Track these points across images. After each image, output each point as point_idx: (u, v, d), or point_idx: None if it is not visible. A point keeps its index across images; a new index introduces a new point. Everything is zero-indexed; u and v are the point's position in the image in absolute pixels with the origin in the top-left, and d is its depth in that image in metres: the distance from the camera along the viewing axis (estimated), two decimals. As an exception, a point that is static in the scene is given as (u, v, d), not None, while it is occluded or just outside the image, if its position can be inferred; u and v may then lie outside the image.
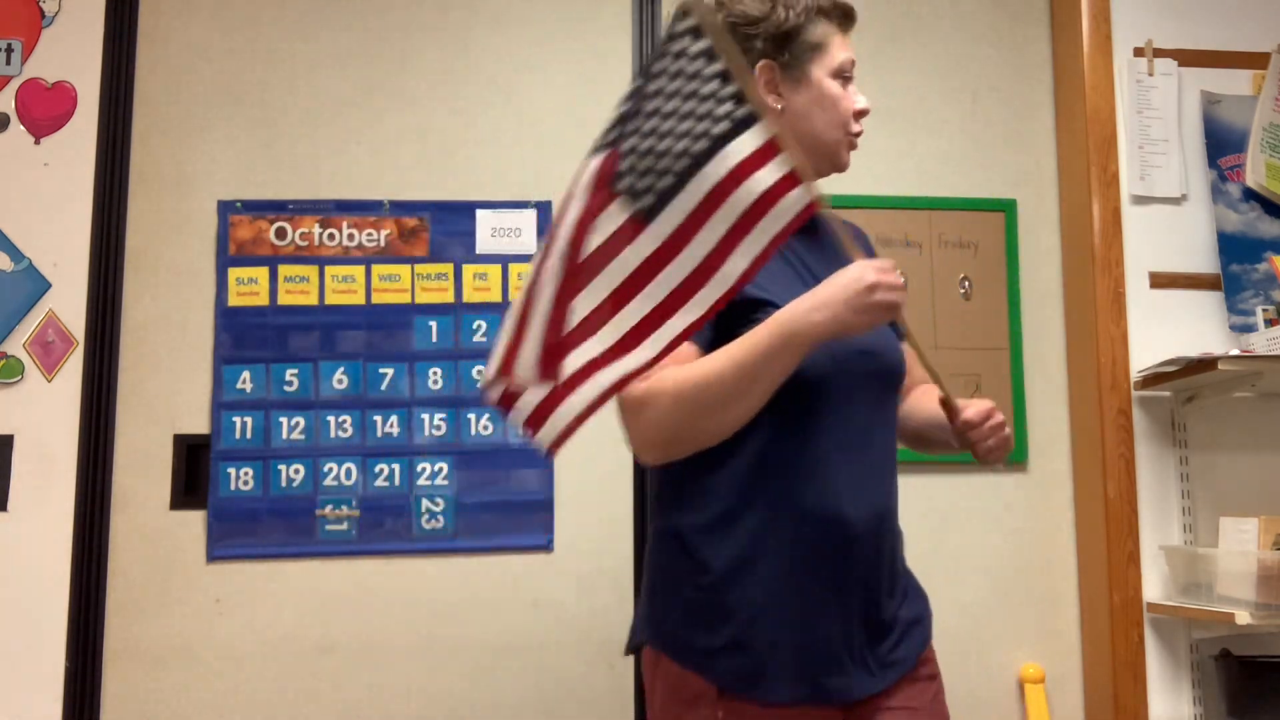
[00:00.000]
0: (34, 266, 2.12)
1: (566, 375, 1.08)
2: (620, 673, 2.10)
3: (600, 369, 1.09)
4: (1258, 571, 1.89)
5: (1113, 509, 2.11)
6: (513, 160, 2.23)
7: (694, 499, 1.29)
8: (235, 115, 2.20)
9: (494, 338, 2.14)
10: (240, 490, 2.08)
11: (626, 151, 1.12)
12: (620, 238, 1.10)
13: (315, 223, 2.17)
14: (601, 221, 1.10)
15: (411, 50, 2.25)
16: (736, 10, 1.39)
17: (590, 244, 1.10)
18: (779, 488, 1.26)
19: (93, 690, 2.01)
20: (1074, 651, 2.18)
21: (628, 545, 2.13)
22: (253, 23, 2.23)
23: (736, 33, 1.36)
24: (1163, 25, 2.29)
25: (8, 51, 2.17)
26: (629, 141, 1.13)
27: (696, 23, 1.14)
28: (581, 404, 1.08)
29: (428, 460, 2.11)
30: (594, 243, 1.10)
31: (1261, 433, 2.18)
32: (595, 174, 1.13)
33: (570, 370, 1.08)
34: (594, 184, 1.12)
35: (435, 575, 2.10)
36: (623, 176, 1.12)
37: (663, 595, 1.32)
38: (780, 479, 1.26)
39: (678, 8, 1.17)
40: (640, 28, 2.28)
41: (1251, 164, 2.24)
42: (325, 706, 2.05)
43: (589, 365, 1.09)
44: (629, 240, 1.10)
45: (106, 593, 2.04)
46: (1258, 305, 2.19)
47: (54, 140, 2.15)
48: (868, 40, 2.31)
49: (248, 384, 2.11)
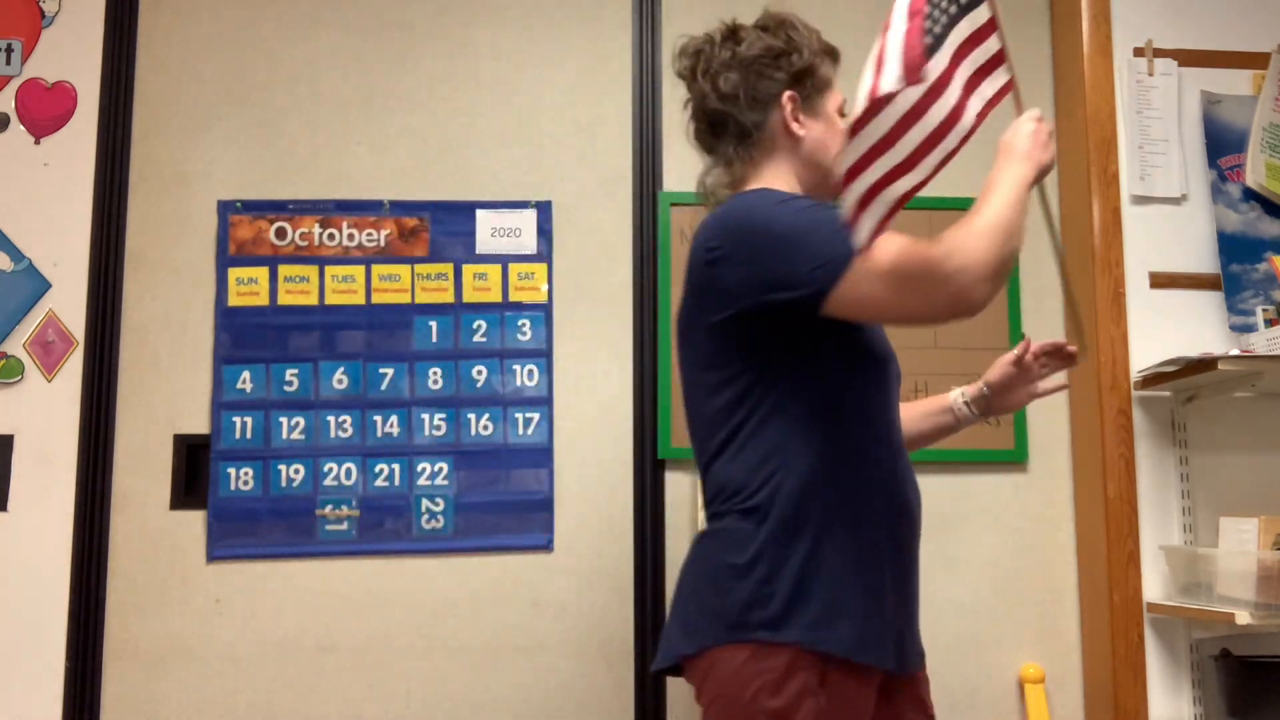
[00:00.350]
0: (34, 266, 2.12)
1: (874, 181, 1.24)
2: (620, 673, 2.10)
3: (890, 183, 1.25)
4: (1258, 571, 1.89)
5: (1113, 509, 2.11)
6: (513, 160, 2.23)
7: (765, 486, 1.33)
8: (235, 115, 2.20)
9: (492, 334, 2.15)
10: (240, 490, 2.08)
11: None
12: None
13: (315, 223, 2.17)
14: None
15: (411, 50, 2.25)
16: (760, 45, 1.50)
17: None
18: (850, 472, 1.34)
19: (93, 690, 2.01)
20: (1074, 651, 2.18)
21: (628, 545, 2.13)
22: (253, 23, 2.23)
23: (762, 65, 1.50)
24: (1163, 25, 2.29)
25: (8, 51, 2.17)
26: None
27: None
28: (882, 207, 1.24)
29: (428, 460, 2.12)
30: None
31: (1261, 433, 2.18)
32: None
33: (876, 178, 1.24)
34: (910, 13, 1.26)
35: (435, 575, 2.10)
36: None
37: (735, 585, 1.31)
38: (849, 465, 1.34)
39: None
40: (640, 28, 2.28)
41: (1251, 164, 2.24)
42: (325, 706, 2.05)
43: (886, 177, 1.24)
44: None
45: (106, 593, 2.04)
46: (1258, 305, 2.19)
47: (54, 140, 2.16)
48: (868, 40, 2.31)
49: (248, 384, 2.11)
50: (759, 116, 1.50)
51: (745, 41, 1.51)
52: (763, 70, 1.49)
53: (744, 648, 1.28)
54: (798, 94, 1.50)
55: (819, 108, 1.52)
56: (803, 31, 1.53)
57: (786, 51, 1.50)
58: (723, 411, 1.38)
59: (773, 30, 1.53)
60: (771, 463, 1.33)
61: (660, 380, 2.16)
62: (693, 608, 1.35)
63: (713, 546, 1.36)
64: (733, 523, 1.34)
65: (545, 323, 2.18)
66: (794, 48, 1.51)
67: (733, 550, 1.32)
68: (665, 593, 2.11)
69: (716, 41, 1.54)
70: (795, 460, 1.33)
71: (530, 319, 2.17)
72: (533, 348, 2.16)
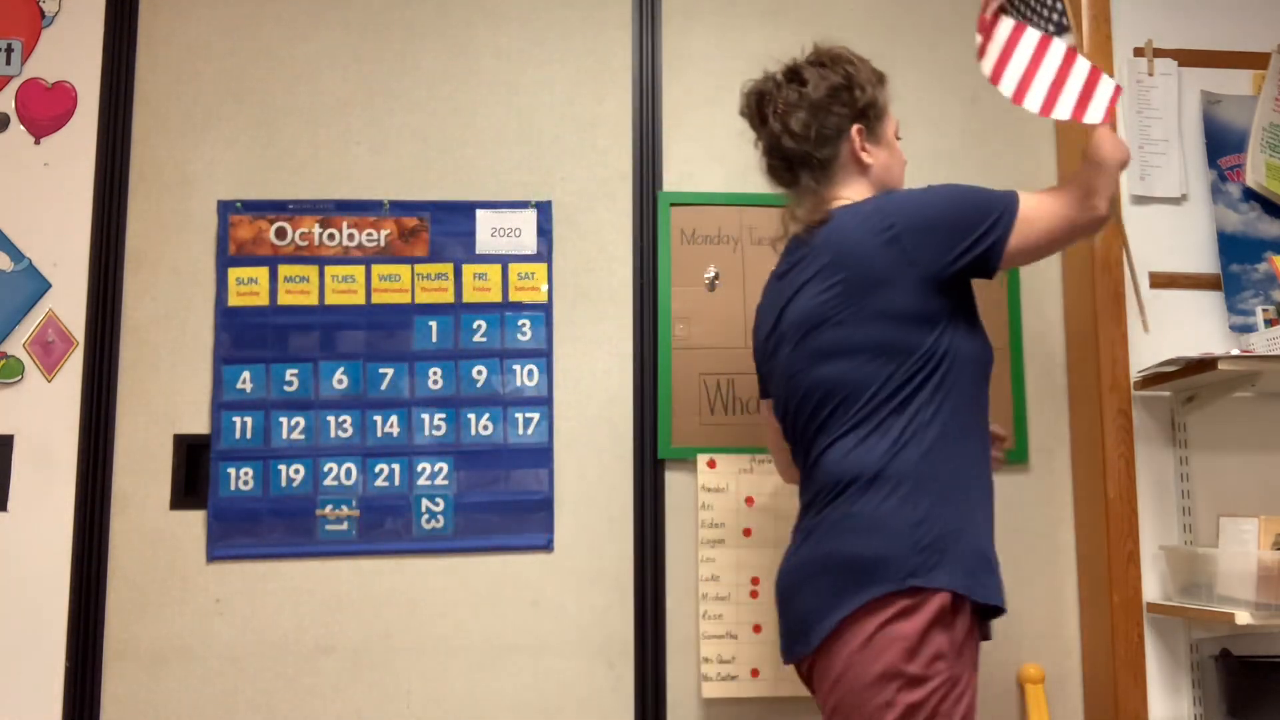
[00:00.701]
0: (34, 266, 2.12)
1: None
2: (620, 673, 2.10)
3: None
4: (1258, 571, 1.89)
5: (1113, 509, 2.11)
6: (513, 160, 2.23)
7: (911, 461, 1.49)
8: (235, 115, 2.20)
9: (492, 334, 2.15)
10: (240, 490, 2.08)
11: None
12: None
13: (315, 223, 2.17)
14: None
15: (411, 50, 2.25)
16: (825, 85, 1.65)
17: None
18: (968, 447, 1.54)
19: (93, 690, 2.01)
20: (1074, 651, 2.18)
21: (628, 545, 2.13)
22: (253, 23, 2.23)
23: (828, 102, 1.65)
24: (1163, 25, 2.29)
25: (8, 51, 2.17)
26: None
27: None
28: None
29: (428, 460, 2.12)
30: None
31: (1261, 433, 2.18)
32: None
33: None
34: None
35: (435, 575, 2.10)
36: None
37: (897, 539, 1.46)
38: (965, 440, 1.53)
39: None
40: (640, 28, 2.28)
41: (1251, 164, 2.24)
42: (325, 706, 2.05)
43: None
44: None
45: (106, 593, 2.04)
46: (1258, 305, 2.19)
47: (54, 140, 2.16)
48: (868, 41, 2.32)
49: (248, 384, 2.11)
50: (831, 150, 1.65)
51: (810, 82, 1.66)
52: (830, 107, 1.64)
53: (906, 596, 1.43)
54: (863, 126, 1.66)
55: (880, 134, 1.69)
56: (857, 64, 1.68)
57: (848, 87, 1.65)
58: (867, 392, 1.51)
59: (830, 66, 1.67)
60: (909, 434, 1.50)
61: (660, 380, 2.16)
62: (843, 575, 1.47)
63: (872, 506, 1.48)
64: (878, 491, 1.48)
65: (545, 323, 2.18)
66: (854, 83, 1.65)
67: (895, 510, 1.47)
68: (665, 593, 2.12)
69: (781, 83, 1.69)
70: (930, 430, 1.50)
71: (530, 319, 2.17)
72: (533, 348, 2.16)
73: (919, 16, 2.34)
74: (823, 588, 1.48)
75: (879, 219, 1.55)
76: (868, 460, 1.49)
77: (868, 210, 1.57)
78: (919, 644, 1.42)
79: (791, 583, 1.55)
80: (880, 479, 1.48)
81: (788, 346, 1.62)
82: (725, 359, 2.18)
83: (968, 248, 1.53)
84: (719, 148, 2.26)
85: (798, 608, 1.52)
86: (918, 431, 1.49)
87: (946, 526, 1.47)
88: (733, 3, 2.32)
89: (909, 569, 1.44)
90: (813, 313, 1.57)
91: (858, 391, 1.52)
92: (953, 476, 1.50)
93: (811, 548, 1.53)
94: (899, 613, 1.43)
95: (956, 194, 1.57)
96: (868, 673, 1.42)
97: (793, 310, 1.62)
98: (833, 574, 1.48)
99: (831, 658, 1.46)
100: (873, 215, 1.56)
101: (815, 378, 1.56)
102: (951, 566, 1.45)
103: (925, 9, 2.34)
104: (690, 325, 2.18)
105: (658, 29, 2.28)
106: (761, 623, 2.09)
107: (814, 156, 1.65)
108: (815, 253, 1.59)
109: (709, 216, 2.22)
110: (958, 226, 1.54)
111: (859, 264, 1.54)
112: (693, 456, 2.14)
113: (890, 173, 1.70)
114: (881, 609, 1.43)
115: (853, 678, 1.43)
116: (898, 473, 1.47)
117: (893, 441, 1.49)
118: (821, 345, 1.55)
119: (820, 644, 1.47)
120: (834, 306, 1.55)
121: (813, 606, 1.49)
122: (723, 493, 2.12)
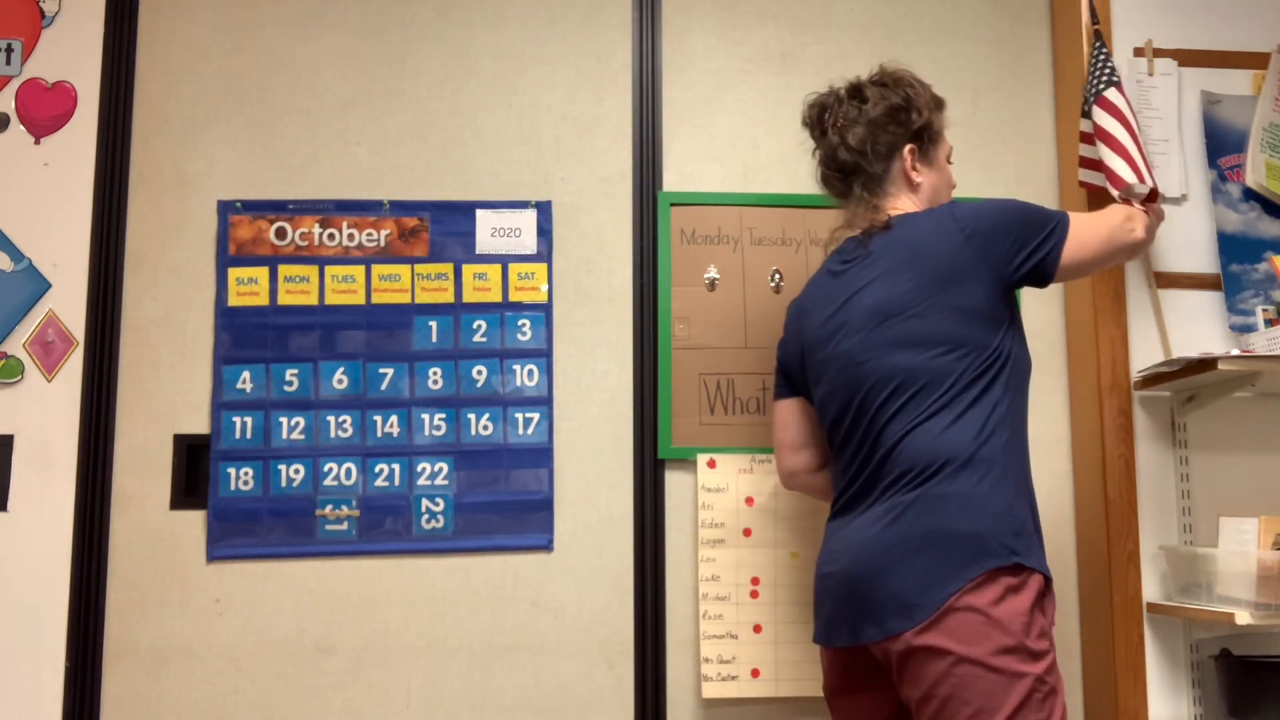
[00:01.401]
0: (34, 266, 2.12)
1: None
2: (620, 673, 2.10)
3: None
4: (1257, 571, 1.89)
5: (1113, 509, 2.11)
6: (513, 160, 2.23)
7: (997, 448, 1.58)
8: (235, 115, 2.20)
9: (492, 334, 2.15)
10: (240, 490, 2.08)
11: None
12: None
13: (315, 223, 2.17)
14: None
15: (411, 50, 2.25)
16: (884, 105, 1.74)
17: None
18: (1025, 444, 1.65)
19: (93, 690, 2.01)
20: (1074, 651, 2.18)
21: (628, 545, 2.13)
22: (253, 23, 2.23)
23: (885, 121, 1.74)
24: (1163, 25, 2.29)
25: (8, 51, 2.17)
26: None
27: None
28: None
29: (428, 460, 2.12)
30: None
31: (1261, 433, 2.18)
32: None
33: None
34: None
35: (435, 575, 2.10)
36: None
37: (993, 522, 1.54)
38: (1024, 438, 1.65)
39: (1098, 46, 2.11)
40: (640, 28, 2.28)
41: (1251, 164, 2.24)
42: (325, 706, 2.05)
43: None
44: None
45: (106, 593, 2.04)
46: (1258, 305, 2.19)
47: (54, 140, 2.16)
48: (868, 41, 2.32)
49: (248, 384, 2.11)
50: (883, 166, 1.75)
51: (870, 100, 1.76)
52: (886, 126, 1.74)
53: (1011, 574, 1.51)
54: (916, 147, 1.76)
55: (932, 157, 1.79)
56: (918, 89, 1.78)
57: (906, 108, 1.75)
58: (947, 380, 1.59)
59: (891, 87, 1.77)
60: (991, 424, 1.58)
61: (660, 380, 2.16)
62: (928, 556, 1.52)
63: (970, 486, 1.55)
64: (973, 473, 1.56)
65: (545, 323, 2.18)
66: (912, 105, 1.76)
67: (990, 493, 1.55)
68: (665, 593, 2.12)
69: (842, 98, 1.80)
70: (1005, 424, 1.59)
71: (530, 319, 2.17)
72: (533, 348, 2.16)
73: (919, 16, 2.34)
74: (929, 562, 1.51)
75: (952, 222, 1.66)
76: (959, 443, 1.56)
77: (939, 214, 1.68)
78: (1030, 620, 1.50)
79: (884, 561, 1.55)
80: (974, 462, 1.55)
81: (855, 336, 1.67)
82: (725, 359, 2.18)
83: (1030, 254, 1.66)
84: (719, 148, 2.26)
85: (893, 584, 1.53)
86: (998, 423, 1.59)
87: (1028, 514, 1.58)
88: (733, 3, 2.32)
89: (1010, 548, 1.52)
90: (890, 304, 1.64)
91: (938, 380, 1.59)
92: (1023, 469, 1.62)
93: (909, 524, 1.55)
94: (1009, 589, 1.49)
95: (1018, 206, 1.69)
96: (993, 644, 1.46)
97: (862, 301, 1.68)
98: (939, 549, 1.51)
99: (944, 631, 1.48)
100: (945, 219, 1.67)
101: (891, 365, 1.62)
102: (1038, 553, 1.57)
103: (925, 9, 2.34)
104: (690, 325, 2.18)
105: (658, 29, 2.28)
106: (761, 623, 2.09)
107: (867, 170, 1.75)
108: (879, 254, 1.69)
109: (709, 216, 2.22)
110: (1022, 234, 1.66)
111: (937, 261, 1.64)
112: (693, 456, 2.14)
113: (938, 193, 1.81)
114: (992, 584, 1.49)
115: (976, 650, 1.46)
116: (988, 458, 1.56)
117: (979, 429, 1.57)
118: (899, 334, 1.62)
119: (930, 618, 1.49)
120: (913, 299, 1.63)
121: (918, 580, 1.51)
122: (723, 493, 2.12)
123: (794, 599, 2.10)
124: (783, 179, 2.26)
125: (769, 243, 2.20)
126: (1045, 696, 1.47)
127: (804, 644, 2.09)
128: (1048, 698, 1.47)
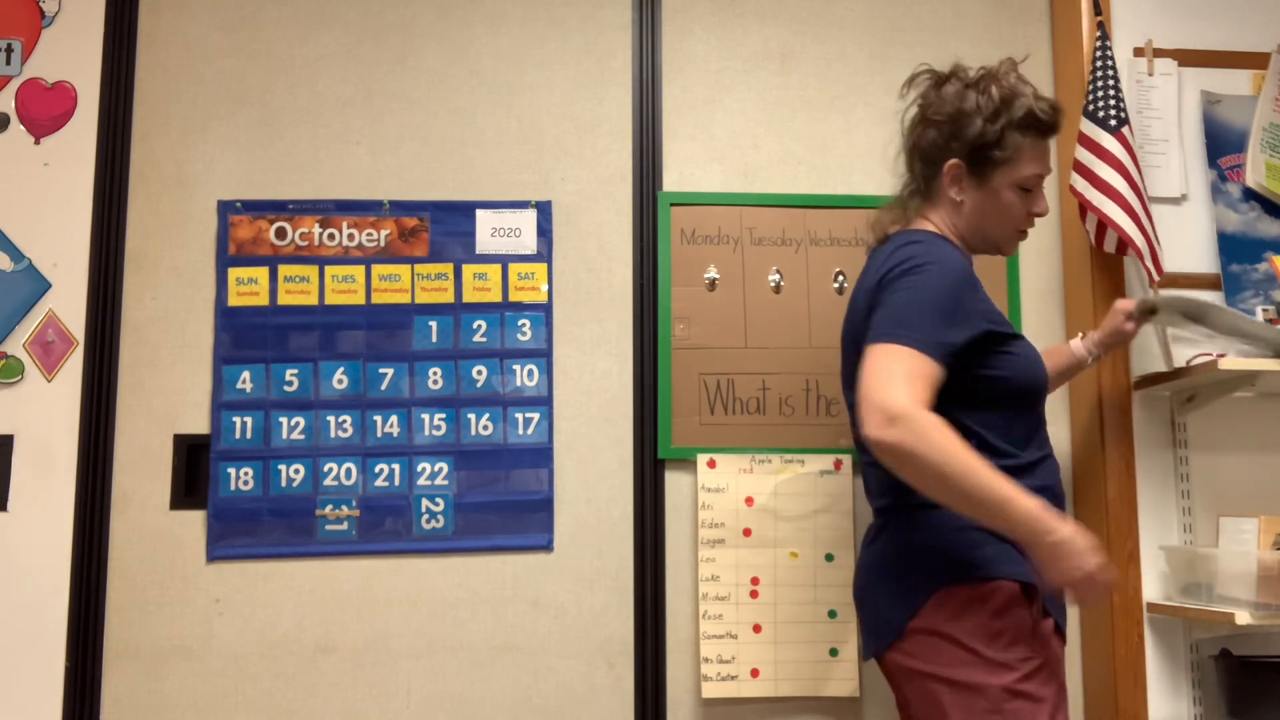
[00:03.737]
0: (34, 266, 2.12)
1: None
2: (620, 673, 2.10)
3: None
4: (1258, 571, 1.89)
5: (1113, 509, 2.11)
6: (513, 160, 2.23)
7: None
8: (235, 115, 2.20)
9: (492, 334, 2.15)
10: (240, 490, 2.08)
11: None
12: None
13: (315, 223, 2.17)
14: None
15: (411, 50, 2.25)
16: (947, 109, 1.60)
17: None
18: (989, 454, 1.53)
19: (93, 690, 2.01)
20: (1074, 651, 2.18)
21: (628, 545, 2.13)
22: (253, 23, 2.23)
23: (939, 126, 1.59)
24: (1163, 25, 2.29)
25: (8, 51, 2.17)
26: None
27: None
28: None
29: (428, 460, 2.12)
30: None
31: (1261, 433, 2.18)
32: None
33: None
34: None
35: (435, 575, 2.10)
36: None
37: (943, 535, 1.52)
38: (986, 446, 1.55)
39: None
40: (640, 28, 2.28)
41: (1251, 164, 2.24)
42: (325, 706, 2.05)
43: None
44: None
45: (106, 593, 2.04)
46: (1258, 305, 2.19)
47: (54, 140, 2.16)
48: (868, 40, 2.32)
49: (248, 384, 2.11)
50: (929, 172, 1.63)
51: (941, 99, 1.61)
52: (939, 131, 1.60)
53: (960, 587, 1.50)
54: (965, 163, 1.59)
55: (991, 179, 1.59)
56: (1005, 102, 1.57)
57: (958, 118, 1.58)
58: None
59: (974, 87, 1.59)
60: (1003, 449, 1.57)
61: (660, 380, 2.16)
62: (913, 570, 1.54)
63: (927, 503, 1.49)
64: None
65: (545, 323, 2.18)
66: (971, 121, 1.56)
67: (947, 509, 1.48)
68: (665, 593, 2.12)
69: (923, 87, 1.67)
70: (971, 437, 1.53)
71: (530, 319, 2.17)
72: (533, 348, 2.16)
73: (919, 16, 2.34)
74: (896, 583, 1.60)
75: (879, 276, 1.54)
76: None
77: (892, 258, 1.54)
78: (995, 631, 1.50)
79: (867, 579, 1.67)
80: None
81: (839, 357, 1.73)
82: (725, 359, 2.18)
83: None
84: (719, 148, 2.26)
85: (872, 603, 1.64)
86: (963, 436, 1.53)
87: None
88: (732, 3, 2.32)
89: (970, 562, 1.53)
90: (847, 334, 1.67)
91: None
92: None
93: (885, 543, 1.65)
94: (968, 602, 1.51)
95: (912, 299, 1.47)
96: (952, 658, 1.51)
97: (843, 323, 1.70)
98: (907, 566, 1.59)
99: (907, 651, 1.56)
100: (885, 269, 1.53)
101: (850, 392, 1.64)
102: (1008, 560, 1.53)
103: (925, 9, 2.34)
104: (690, 325, 2.18)
105: (658, 29, 2.28)
106: (761, 623, 2.09)
107: (909, 168, 1.68)
108: (864, 271, 1.67)
109: (709, 216, 2.22)
110: (881, 320, 1.49)
111: (856, 312, 1.62)
112: (693, 456, 2.14)
113: (981, 218, 1.62)
114: (950, 600, 1.52)
115: (938, 667, 1.52)
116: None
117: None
118: (853, 368, 1.59)
119: (896, 639, 1.56)
120: (854, 334, 1.63)
121: (889, 601, 1.58)
122: (723, 493, 2.12)
123: (794, 599, 2.10)
124: (783, 179, 2.26)
125: (769, 243, 2.20)
126: (1020, 706, 1.44)
127: (804, 644, 2.09)
128: (1024, 708, 1.44)
